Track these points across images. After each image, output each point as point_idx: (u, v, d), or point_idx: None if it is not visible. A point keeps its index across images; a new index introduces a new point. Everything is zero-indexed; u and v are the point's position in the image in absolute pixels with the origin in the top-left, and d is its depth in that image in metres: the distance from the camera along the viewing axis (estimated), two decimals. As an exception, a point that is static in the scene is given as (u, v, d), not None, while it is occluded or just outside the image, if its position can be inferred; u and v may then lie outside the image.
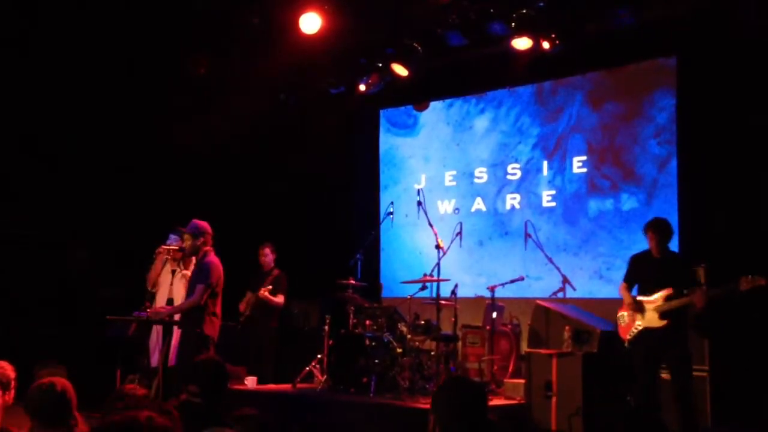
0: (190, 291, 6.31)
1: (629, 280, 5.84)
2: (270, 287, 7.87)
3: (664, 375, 5.71)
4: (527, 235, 7.79)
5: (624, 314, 5.79)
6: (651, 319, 5.57)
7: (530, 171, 8.44)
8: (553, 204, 8.25)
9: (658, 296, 5.55)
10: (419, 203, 7.37)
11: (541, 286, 7.91)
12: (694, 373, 5.74)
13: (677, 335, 5.52)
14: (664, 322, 5.50)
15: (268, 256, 8.20)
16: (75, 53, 7.43)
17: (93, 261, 7.80)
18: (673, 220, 6.75)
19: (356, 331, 7.27)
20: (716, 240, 6.57)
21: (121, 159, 8.07)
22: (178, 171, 8.46)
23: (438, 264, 6.97)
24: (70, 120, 7.74)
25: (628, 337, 5.72)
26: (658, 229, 5.66)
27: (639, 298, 5.69)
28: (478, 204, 8.79)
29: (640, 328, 5.64)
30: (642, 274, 5.75)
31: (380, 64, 8.30)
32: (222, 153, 8.45)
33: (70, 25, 7.16)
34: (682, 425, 5.33)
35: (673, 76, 7.44)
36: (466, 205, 8.86)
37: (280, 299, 8.05)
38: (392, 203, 8.09)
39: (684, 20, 6.91)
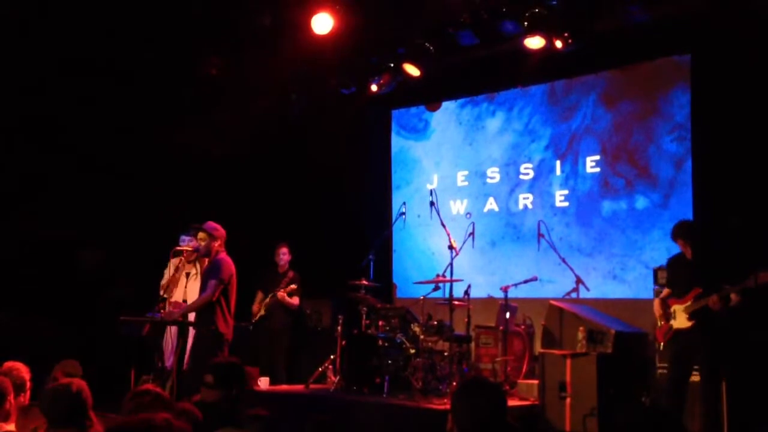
0: (202, 288, 6.33)
1: (670, 284, 5.86)
2: (293, 287, 7.95)
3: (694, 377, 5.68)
4: (540, 236, 7.75)
5: (659, 319, 5.85)
6: (681, 320, 5.57)
7: (543, 171, 8.40)
8: (566, 204, 8.20)
9: (689, 297, 5.53)
10: (432, 203, 7.34)
11: (554, 286, 7.86)
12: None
13: (705, 336, 5.48)
14: (691, 323, 5.48)
15: (285, 255, 8.22)
16: (89, 52, 7.45)
17: (108, 261, 7.83)
18: (689, 219, 6.71)
19: (369, 331, 7.26)
20: (733, 238, 6.49)
21: (135, 159, 8.09)
22: (192, 171, 8.48)
23: (451, 264, 6.94)
24: (85, 121, 7.77)
25: (664, 340, 5.79)
26: (685, 234, 5.63)
27: (672, 301, 5.68)
28: (491, 204, 8.76)
29: (673, 330, 5.67)
30: (677, 276, 5.75)
31: (392, 64, 8.28)
32: (234, 153, 8.46)
33: (84, 23, 7.18)
34: (705, 427, 5.28)
35: (687, 73, 7.38)
36: (478, 206, 8.83)
37: (295, 301, 8.10)
38: (404, 203, 8.08)
39: (698, 16, 6.85)
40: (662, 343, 5.83)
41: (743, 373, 5.90)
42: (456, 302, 6.99)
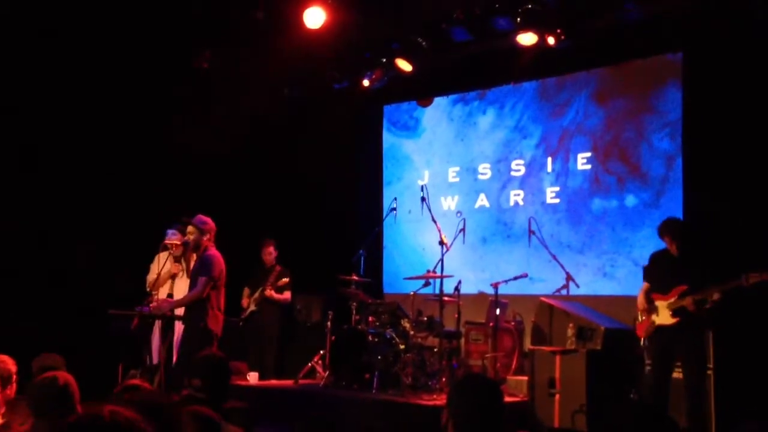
0: (192, 284, 6.29)
1: (649, 279, 5.84)
2: (285, 280, 7.94)
3: (677, 374, 5.68)
4: (531, 232, 7.76)
5: (641, 313, 5.83)
6: (664, 316, 5.57)
7: (534, 167, 8.39)
8: (557, 201, 8.21)
9: (673, 294, 5.53)
10: (423, 199, 7.34)
11: (544, 283, 7.88)
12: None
13: (688, 333, 5.49)
14: (675, 320, 5.49)
15: (272, 254, 8.19)
16: (82, 50, 7.40)
17: (97, 256, 7.78)
18: (679, 217, 6.71)
19: (359, 327, 7.25)
20: (723, 237, 6.52)
21: (127, 155, 8.04)
22: (183, 167, 8.43)
23: (441, 260, 6.94)
24: (79, 116, 7.72)
25: (645, 335, 5.78)
26: (672, 232, 5.64)
27: (655, 296, 5.68)
28: (482, 200, 8.75)
29: (655, 326, 5.66)
30: (660, 272, 5.74)
31: (384, 59, 8.26)
32: (224, 148, 8.41)
33: (81, 19, 7.13)
34: (691, 423, 5.30)
35: (679, 71, 7.39)
36: (469, 202, 8.82)
37: (287, 296, 8.07)
38: (395, 199, 8.07)
39: (690, 15, 6.86)
40: (643, 339, 5.82)
41: (730, 370, 5.93)
42: (446, 298, 6.99)
